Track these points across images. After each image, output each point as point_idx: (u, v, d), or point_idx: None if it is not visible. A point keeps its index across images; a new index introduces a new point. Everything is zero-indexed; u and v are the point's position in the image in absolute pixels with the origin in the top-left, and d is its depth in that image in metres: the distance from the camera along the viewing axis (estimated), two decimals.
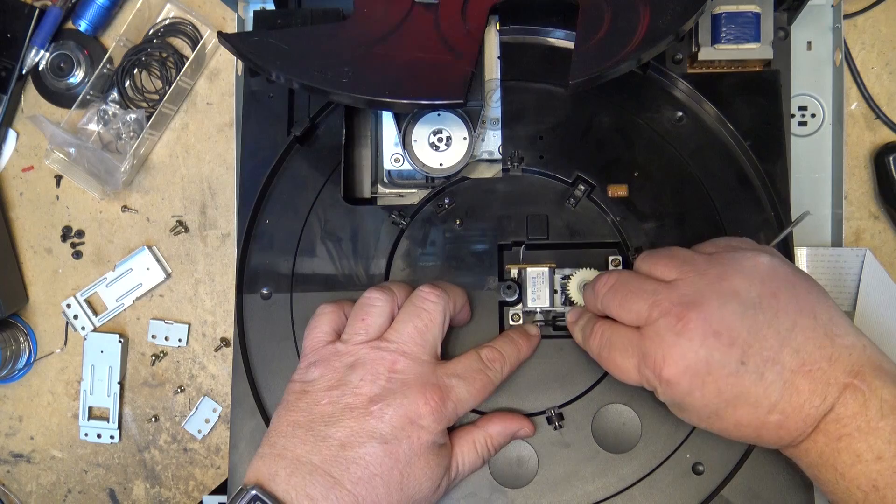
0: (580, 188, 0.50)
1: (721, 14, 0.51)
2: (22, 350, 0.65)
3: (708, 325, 0.38)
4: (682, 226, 0.50)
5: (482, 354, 0.46)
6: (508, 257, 0.51)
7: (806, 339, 0.38)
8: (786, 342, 0.38)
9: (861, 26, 0.60)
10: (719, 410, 0.39)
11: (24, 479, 0.66)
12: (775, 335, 0.38)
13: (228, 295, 0.63)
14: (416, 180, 0.54)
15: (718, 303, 0.39)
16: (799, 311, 0.38)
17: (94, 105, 0.63)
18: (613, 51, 0.46)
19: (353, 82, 0.46)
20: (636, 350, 0.41)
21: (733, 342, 0.38)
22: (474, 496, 0.48)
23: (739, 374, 0.38)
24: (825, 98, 0.58)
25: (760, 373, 0.38)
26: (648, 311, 0.40)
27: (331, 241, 0.51)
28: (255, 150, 0.53)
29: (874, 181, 0.59)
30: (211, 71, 0.65)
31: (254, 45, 0.48)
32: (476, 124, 0.51)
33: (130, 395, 0.64)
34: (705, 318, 0.38)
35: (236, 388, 0.50)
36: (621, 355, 0.42)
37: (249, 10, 0.61)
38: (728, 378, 0.38)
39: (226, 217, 0.64)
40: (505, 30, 0.53)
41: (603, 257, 0.50)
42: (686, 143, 0.51)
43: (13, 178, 0.66)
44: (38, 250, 0.66)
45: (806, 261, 0.56)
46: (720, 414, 0.39)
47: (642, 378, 0.41)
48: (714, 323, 0.38)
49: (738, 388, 0.38)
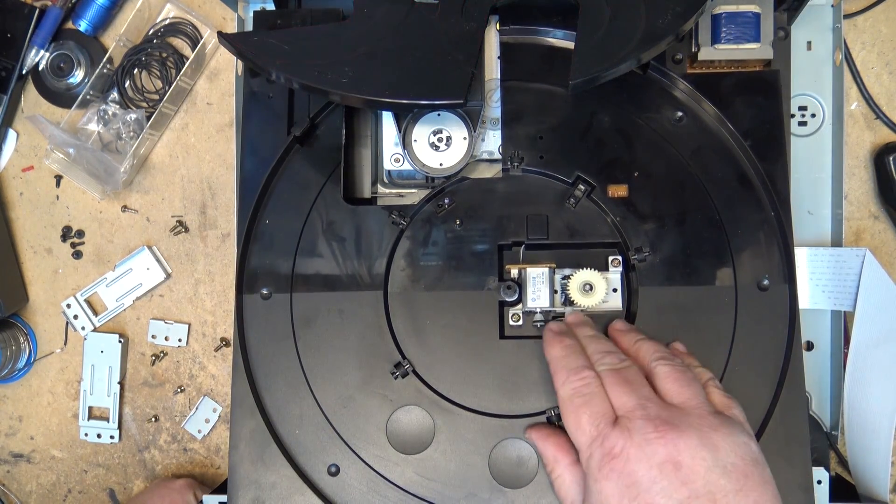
0: (580, 188, 0.50)
1: (721, 14, 0.51)
2: (22, 350, 0.65)
3: (676, 452, 0.38)
4: (682, 226, 0.50)
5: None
6: (508, 257, 0.51)
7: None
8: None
9: (861, 26, 0.60)
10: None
11: (24, 479, 0.66)
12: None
13: (228, 295, 0.63)
14: (416, 180, 0.54)
15: (697, 444, 0.38)
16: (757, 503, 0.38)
17: (94, 105, 0.63)
18: (613, 51, 0.46)
19: (353, 82, 0.46)
20: (603, 426, 0.41)
21: (686, 483, 0.38)
22: (474, 496, 0.48)
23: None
24: (825, 98, 0.58)
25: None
26: (633, 407, 0.40)
27: (331, 242, 0.51)
28: (255, 150, 0.53)
29: (874, 181, 0.59)
30: (211, 71, 0.65)
31: (254, 45, 0.48)
32: (476, 124, 0.51)
33: (130, 395, 0.64)
34: (677, 447, 0.38)
35: (236, 388, 0.50)
36: (589, 419, 0.42)
37: (249, 10, 0.61)
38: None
39: (226, 217, 0.64)
40: (505, 30, 0.53)
41: (603, 257, 0.50)
42: (686, 143, 0.51)
43: (13, 178, 0.66)
44: (38, 250, 0.66)
45: (806, 261, 0.56)
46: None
47: (589, 450, 0.41)
48: (682, 455, 0.38)
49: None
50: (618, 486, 0.39)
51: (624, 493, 0.39)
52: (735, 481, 0.38)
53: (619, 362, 0.43)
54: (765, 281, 0.49)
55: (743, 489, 0.38)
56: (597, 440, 0.41)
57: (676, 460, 0.38)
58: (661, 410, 0.40)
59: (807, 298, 0.56)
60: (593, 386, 0.43)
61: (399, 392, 0.49)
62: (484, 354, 0.49)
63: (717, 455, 0.38)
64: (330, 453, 0.49)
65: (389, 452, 0.48)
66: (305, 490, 0.48)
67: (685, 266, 0.49)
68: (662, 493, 0.38)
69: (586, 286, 0.48)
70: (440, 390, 0.49)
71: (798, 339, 0.48)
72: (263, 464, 0.49)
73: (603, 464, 0.40)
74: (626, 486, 0.39)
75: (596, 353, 0.44)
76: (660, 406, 0.40)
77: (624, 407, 0.41)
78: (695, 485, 0.37)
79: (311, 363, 0.50)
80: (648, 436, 0.39)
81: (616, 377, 0.42)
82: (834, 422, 0.57)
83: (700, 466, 0.38)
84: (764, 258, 0.49)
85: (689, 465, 0.38)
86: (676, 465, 0.38)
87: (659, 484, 0.38)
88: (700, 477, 0.38)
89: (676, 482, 0.38)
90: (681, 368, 0.43)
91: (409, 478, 0.48)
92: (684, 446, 0.38)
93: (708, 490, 0.37)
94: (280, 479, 0.48)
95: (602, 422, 0.41)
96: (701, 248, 0.49)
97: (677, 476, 0.38)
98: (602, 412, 0.41)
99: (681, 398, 0.41)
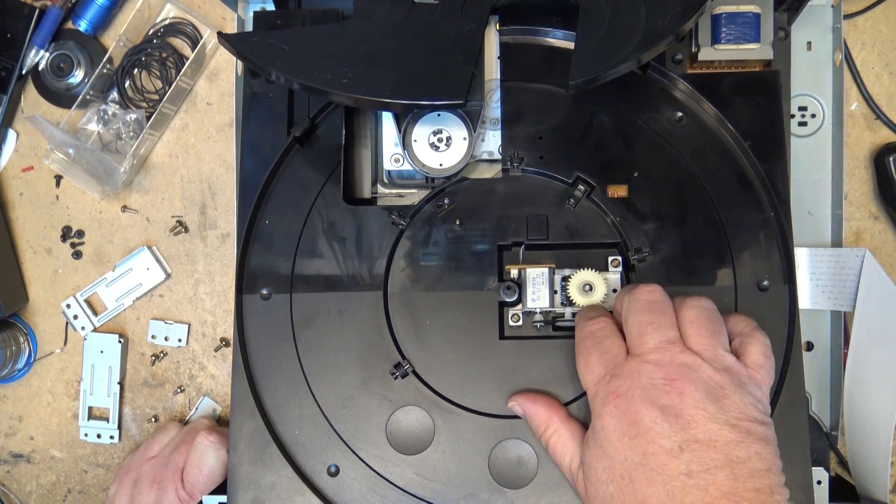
0: (580, 188, 0.50)
1: (721, 14, 0.51)
2: (22, 350, 0.65)
3: (680, 401, 0.38)
4: (681, 226, 0.50)
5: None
6: (508, 258, 0.51)
7: (749, 477, 0.37)
8: (729, 465, 0.37)
9: (861, 26, 0.60)
10: (633, 474, 0.39)
11: (24, 479, 0.66)
12: (724, 454, 0.37)
13: (228, 295, 0.63)
14: (416, 180, 0.54)
15: (702, 397, 0.39)
16: (759, 455, 0.38)
17: (94, 105, 0.63)
18: (613, 51, 0.46)
19: (353, 82, 0.46)
20: (611, 365, 0.41)
21: (685, 428, 0.38)
22: (474, 496, 0.48)
23: (671, 454, 0.38)
24: (825, 98, 0.58)
25: (690, 470, 0.37)
26: (650, 350, 0.40)
27: (330, 242, 0.51)
28: (255, 150, 0.53)
29: (874, 181, 0.59)
30: (211, 71, 0.65)
31: (254, 45, 0.48)
32: (476, 124, 0.51)
33: (130, 395, 0.64)
34: (682, 395, 0.39)
35: (236, 388, 0.50)
36: (598, 358, 0.42)
37: (249, 10, 0.61)
38: (659, 450, 0.38)
39: (226, 217, 0.64)
40: (505, 30, 0.53)
41: (603, 258, 0.50)
42: (686, 143, 0.51)
43: (13, 178, 0.66)
44: (38, 250, 0.66)
45: (806, 261, 0.56)
46: (632, 477, 0.39)
47: (595, 388, 0.42)
48: (685, 404, 0.38)
49: (661, 465, 0.38)
50: (619, 423, 0.40)
51: (625, 431, 0.39)
52: (736, 433, 0.38)
53: (651, 292, 0.43)
54: (765, 281, 0.49)
55: (744, 441, 0.38)
56: (604, 379, 0.41)
57: (678, 408, 0.38)
58: (677, 356, 0.40)
59: (807, 299, 0.56)
60: (608, 329, 0.43)
61: (399, 392, 0.49)
62: (484, 355, 0.49)
63: (721, 409, 0.38)
64: (330, 453, 0.49)
65: (389, 453, 0.48)
66: (305, 490, 0.48)
67: (685, 266, 0.49)
68: (662, 434, 0.38)
69: (586, 286, 0.48)
70: (440, 391, 0.49)
71: (798, 339, 0.48)
72: (263, 464, 0.49)
73: (607, 401, 0.40)
74: (628, 423, 0.39)
75: (627, 291, 0.44)
76: (677, 351, 0.40)
77: (641, 346, 0.41)
78: (694, 431, 0.38)
79: (311, 363, 0.50)
80: (656, 381, 0.39)
81: (644, 309, 0.42)
82: (834, 422, 0.57)
83: (701, 416, 0.38)
84: (764, 258, 0.49)
85: (689, 414, 0.38)
86: (678, 413, 0.38)
87: (660, 425, 0.38)
88: (700, 425, 0.38)
89: (676, 427, 0.38)
90: (709, 315, 0.42)
91: (408, 478, 0.48)
92: (689, 396, 0.39)
93: (708, 437, 0.38)
94: (280, 479, 0.48)
95: (611, 362, 0.41)
96: (701, 248, 0.49)
97: (678, 422, 0.38)
98: (613, 353, 0.42)
99: (699, 346, 0.41)
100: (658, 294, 0.43)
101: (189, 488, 0.54)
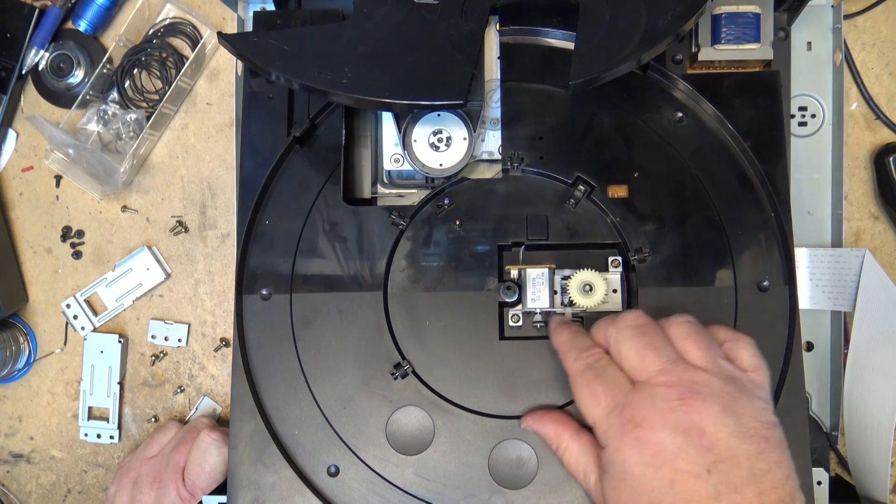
0: (580, 189, 0.50)
1: (721, 14, 0.51)
2: (22, 350, 0.65)
3: (700, 419, 0.38)
4: (681, 226, 0.50)
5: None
6: (508, 258, 0.51)
7: (773, 488, 0.37)
8: (754, 480, 0.37)
9: (861, 26, 0.60)
10: (661, 502, 0.38)
11: (24, 479, 0.66)
12: (749, 469, 0.37)
13: (228, 295, 0.63)
14: (416, 180, 0.54)
15: (719, 411, 0.38)
16: (778, 464, 0.38)
17: (94, 105, 0.63)
18: (613, 51, 0.46)
19: (353, 82, 0.46)
20: (620, 396, 0.40)
21: (710, 448, 0.37)
22: (474, 497, 0.48)
23: (699, 478, 0.37)
24: (825, 98, 0.58)
25: (718, 493, 0.37)
26: (656, 372, 0.40)
27: (330, 242, 0.51)
28: (255, 150, 0.53)
29: (874, 182, 0.59)
30: (211, 71, 0.65)
31: (254, 46, 0.48)
32: (476, 124, 0.51)
33: (130, 396, 0.64)
34: (700, 413, 0.38)
35: (236, 388, 0.50)
36: (604, 389, 0.41)
37: (249, 10, 0.61)
38: (686, 476, 0.37)
39: (226, 217, 0.64)
40: (505, 30, 0.53)
41: (603, 258, 0.50)
42: (686, 143, 0.51)
43: (13, 178, 0.66)
44: (37, 250, 0.66)
45: (806, 261, 0.56)
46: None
47: (607, 422, 0.40)
48: (706, 422, 0.38)
49: (690, 492, 0.37)
50: (642, 454, 0.38)
51: (648, 462, 0.38)
52: (756, 444, 0.38)
53: (637, 318, 0.42)
54: (765, 281, 0.49)
55: (764, 451, 0.38)
56: (615, 410, 0.40)
57: (700, 427, 0.38)
58: (684, 373, 0.39)
59: (807, 299, 0.56)
60: (605, 360, 0.42)
61: (399, 393, 0.49)
62: (484, 355, 0.49)
63: (739, 421, 0.38)
64: (329, 454, 0.49)
65: (389, 453, 0.48)
66: (305, 491, 0.48)
67: (685, 267, 0.49)
68: (689, 459, 0.37)
69: (586, 287, 0.48)
70: (440, 391, 0.49)
71: (798, 339, 0.48)
72: (263, 464, 0.49)
73: (625, 432, 0.39)
74: (652, 454, 0.38)
75: (610, 322, 0.43)
76: (683, 369, 0.40)
77: (645, 371, 0.40)
78: (719, 450, 0.37)
79: (311, 364, 0.50)
80: (672, 403, 0.38)
81: (637, 335, 0.41)
82: (834, 422, 0.57)
83: (722, 433, 0.38)
84: (764, 259, 0.49)
85: (712, 433, 0.38)
86: (700, 433, 0.38)
87: (685, 451, 0.37)
88: (723, 442, 0.37)
89: (701, 448, 0.37)
90: (699, 329, 0.42)
91: (408, 478, 0.48)
92: (707, 413, 0.38)
93: (732, 455, 0.37)
94: (280, 479, 0.48)
95: (619, 392, 0.40)
96: (701, 248, 0.49)
97: (702, 442, 0.37)
98: (619, 382, 0.41)
99: (702, 361, 0.40)
100: (644, 318, 0.43)
101: (190, 486, 0.54)
